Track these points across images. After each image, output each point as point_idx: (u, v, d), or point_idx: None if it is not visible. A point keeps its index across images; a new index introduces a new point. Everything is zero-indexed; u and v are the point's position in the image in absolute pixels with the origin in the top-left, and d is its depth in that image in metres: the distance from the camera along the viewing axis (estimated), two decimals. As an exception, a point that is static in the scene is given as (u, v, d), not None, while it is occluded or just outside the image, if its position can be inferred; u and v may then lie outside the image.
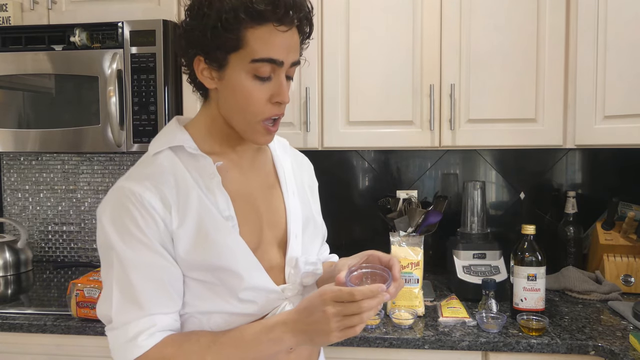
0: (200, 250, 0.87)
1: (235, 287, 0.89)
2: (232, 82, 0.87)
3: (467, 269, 1.69)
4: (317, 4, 1.71)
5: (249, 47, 0.84)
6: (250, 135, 0.92)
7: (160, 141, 0.93)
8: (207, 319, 0.90)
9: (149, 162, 0.91)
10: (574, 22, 1.62)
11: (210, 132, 0.94)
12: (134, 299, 0.84)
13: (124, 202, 0.85)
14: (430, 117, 1.68)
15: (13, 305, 1.65)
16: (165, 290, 0.86)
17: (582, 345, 1.35)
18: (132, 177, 0.89)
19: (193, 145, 0.92)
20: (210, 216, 0.88)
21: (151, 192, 0.85)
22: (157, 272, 0.86)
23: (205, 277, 0.89)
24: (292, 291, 0.96)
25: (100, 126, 1.72)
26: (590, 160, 2.00)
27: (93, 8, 1.81)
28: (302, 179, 1.09)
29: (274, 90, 0.88)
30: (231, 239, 0.89)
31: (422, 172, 2.07)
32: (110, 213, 0.86)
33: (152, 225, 0.85)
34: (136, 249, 0.84)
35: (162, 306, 0.86)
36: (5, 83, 1.78)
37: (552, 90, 1.65)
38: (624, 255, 1.75)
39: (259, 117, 0.89)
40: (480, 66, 1.67)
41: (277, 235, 0.98)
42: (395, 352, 1.41)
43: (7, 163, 2.26)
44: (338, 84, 1.73)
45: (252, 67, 0.85)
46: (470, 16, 1.66)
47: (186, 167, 0.90)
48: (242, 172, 0.97)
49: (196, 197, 0.88)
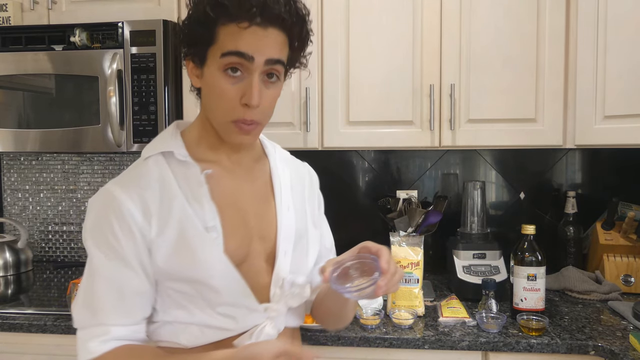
0: (177, 261, 0.87)
1: (212, 301, 0.88)
2: (208, 79, 0.87)
3: (467, 269, 1.69)
4: (317, 4, 1.71)
5: (219, 41, 0.85)
6: (225, 135, 0.90)
7: (153, 145, 0.93)
8: (182, 328, 0.90)
9: (138, 166, 0.92)
10: (574, 21, 1.62)
11: (203, 137, 0.94)
12: (91, 306, 0.86)
13: (106, 208, 0.86)
14: (430, 117, 1.68)
15: (13, 305, 1.65)
16: (125, 304, 0.87)
17: (582, 345, 1.35)
18: (119, 180, 0.90)
19: (184, 152, 0.91)
20: (192, 226, 0.87)
21: (132, 200, 0.85)
22: (122, 284, 0.86)
23: (183, 288, 0.88)
24: (276, 311, 0.93)
25: (100, 126, 1.72)
26: (590, 160, 2.00)
27: (93, 8, 1.81)
28: (302, 193, 1.05)
29: (246, 91, 0.85)
30: (211, 251, 0.87)
31: (422, 172, 2.07)
32: (94, 216, 0.88)
33: (126, 233, 0.85)
34: (108, 257, 0.86)
35: (118, 318, 0.87)
36: (5, 83, 1.78)
37: (552, 90, 1.65)
38: (624, 255, 1.75)
39: (229, 117, 0.87)
40: (480, 66, 1.67)
41: (266, 249, 0.96)
42: (395, 352, 1.41)
43: (7, 163, 2.26)
44: (338, 84, 1.73)
45: (222, 62, 0.84)
46: (470, 16, 1.66)
47: (174, 174, 0.90)
48: (236, 182, 0.95)
49: (179, 206, 0.87)
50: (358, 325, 1.47)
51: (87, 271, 0.88)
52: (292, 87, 1.73)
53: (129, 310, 0.87)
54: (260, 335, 0.90)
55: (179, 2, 1.78)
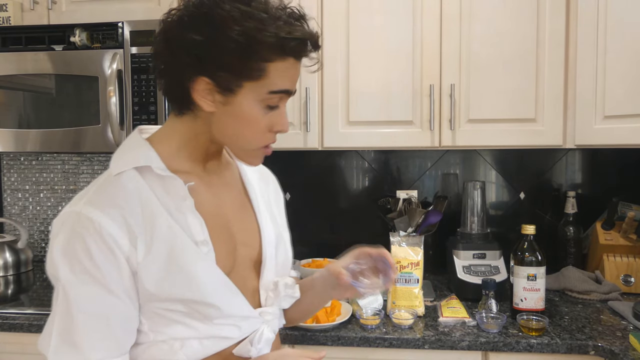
0: (171, 282, 0.80)
1: (211, 316, 0.84)
2: (239, 109, 0.82)
3: (467, 269, 1.70)
4: (317, 5, 1.71)
5: (268, 78, 0.80)
6: (247, 159, 0.89)
7: (123, 159, 0.85)
8: (180, 344, 0.84)
9: (110, 184, 0.82)
10: (574, 22, 1.62)
11: (185, 148, 0.88)
12: (73, 342, 0.78)
13: (79, 231, 0.77)
14: (430, 117, 1.68)
15: (13, 305, 1.65)
16: (112, 334, 0.80)
17: (582, 345, 1.35)
18: (92, 201, 0.80)
19: (161, 165, 0.84)
20: (182, 244, 0.81)
21: (114, 223, 0.78)
22: (106, 313, 0.78)
23: (176, 307, 0.82)
24: (272, 315, 0.93)
25: (100, 126, 1.72)
26: (590, 160, 2.00)
27: (93, 8, 1.81)
28: (268, 196, 1.04)
29: (277, 120, 0.85)
30: (205, 268, 0.83)
31: (422, 172, 2.07)
32: (64, 241, 0.78)
33: (110, 260, 0.77)
34: (86, 284, 0.77)
35: (105, 351, 0.79)
36: (5, 83, 1.78)
37: (552, 90, 1.65)
38: (624, 255, 1.75)
39: (260, 144, 0.86)
40: (480, 66, 1.67)
41: (251, 256, 0.94)
42: (395, 352, 1.41)
43: (7, 163, 2.26)
44: (338, 84, 1.73)
45: (267, 98, 0.82)
46: (471, 16, 1.66)
47: (153, 189, 0.83)
48: (213, 192, 0.91)
49: (165, 224, 0.81)
50: (358, 325, 1.47)
51: (61, 302, 0.78)
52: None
53: (117, 341, 0.80)
54: (260, 340, 0.89)
55: (179, 2, 1.78)
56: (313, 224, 2.09)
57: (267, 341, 0.91)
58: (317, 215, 2.10)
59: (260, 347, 0.89)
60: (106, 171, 0.86)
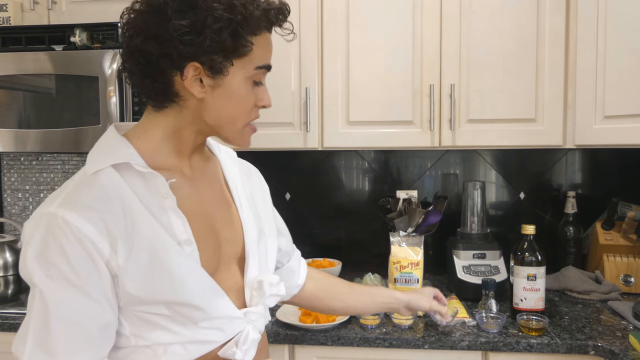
0: (153, 285, 0.78)
1: (195, 319, 0.82)
2: (229, 90, 0.83)
3: (467, 269, 1.70)
4: (317, 4, 1.71)
5: (253, 53, 0.82)
6: (239, 140, 0.89)
7: (100, 157, 0.81)
8: (163, 349, 0.81)
9: (87, 182, 0.78)
10: (574, 22, 1.62)
11: (168, 142, 0.85)
12: (48, 348, 0.74)
13: (55, 234, 0.73)
14: (430, 117, 1.68)
15: (13, 305, 1.65)
16: (89, 340, 0.77)
17: (582, 345, 1.35)
18: (68, 202, 0.76)
19: (141, 161, 0.81)
20: (164, 245, 0.79)
21: (93, 226, 0.74)
22: (83, 319, 0.76)
23: (160, 311, 0.80)
24: (257, 314, 0.91)
25: (100, 126, 1.72)
26: (590, 160, 2.00)
27: (93, 8, 1.81)
28: (251, 190, 1.01)
29: (261, 95, 0.88)
30: (189, 269, 0.81)
31: (422, 172, 2.07)
32: (38, 244, 0.74)
33: (88, 265, 0.74)
34: (63, 289, 0.74)
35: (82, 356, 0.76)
36: (5, 83, 1.78)
37: (552, 90, 1.65)
38: (624, 255, 1.75)
39: (246, 120, 0.88)
40: (480, 66, 1.67)
41: (235, 253, 0.92)
42: (395, 352, 1.41)
43: (7, 163, 2.26)
44: (338, 84, 1.73)
45: (254, 74, 0.84)
46: (471, 16, 1.66)
47: (132, 188, 0.79)
48: (196, 188, 0.89)
49: (146, 224, 0.78)
50: (358, 325, 1.47)
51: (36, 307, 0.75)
52: (292, 87, 1.73)
53: (95, 346, 0.77)
54: (246, 341, 0.87)
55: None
56: (313, 224, 2.09)
57: (252, 342, 0.89)
58: (317, 215, 2.10)
59: (246, 348, 0.87)
60: (81, 170, 0.82)
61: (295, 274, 1.15)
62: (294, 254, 1.16)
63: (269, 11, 0.82)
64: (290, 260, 1.15)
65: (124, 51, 0.83)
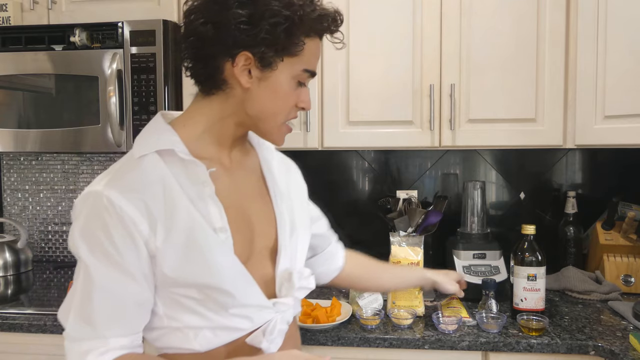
0: (188, 267, 0.82)
1: (225, 304, 0.85)
2: (274, 84, 0.86)
3: (467, 269, 1.69)
4: (317, 4, 1.71)
5: (304, 55, 0.86)
6: (276, 136, 0.93)
7: (146, 142, 0.86)
8: (194, 333, 0.86)
9: (132, 165, 0.84)
10: (574, 21, 1.62)
11: (210, 131, 0.89)
12: (89, 318, 0.81)
13: (100, 212, 0.79)
14: (430, 117, 1.68)
15: (13, 305, 1.65)
16: (125, 315, 0.83)
17: (582, 345, 1.35)
18: (113, 182, 0.81)
19: (184, 149, 0.85)
20: (201, 230, 0.83)
21: (134, 206, 0.79)
22: (122, 294, 0.81)
23: (192, 294, 0.84)
24: (286, 305, 0.93)
25: (100, 126, 1.72)
26: (590, 160, 2.00)
27: (93, 8, 1.81)
28: (287, 183, 1.04)
29: (302, 97, 0.91)
30: (222, 254, 0.85)
31: (422, 172, 2.07)
32: (84, 221, 0.80)
33: (128, 243, 0.79)
34: (105, 265, 0.80)
35: (118, 329, 0.82)
36: (5, 83, 1.78)
37: (552, 90, 1.64)
38: (624, 255, 1.75)
39: (285, 118, 0.91)
40: (480, 66, 1.66)
41: (267, 245, 0.95)
42: (395, 352, 1.41)
43: (7, 163, 2.26)
44: (338, 84, 1.73)
45: (299, 74, 0.87)
46: (471, 16, 1.66)
47: (174, 173, 0.84)
48: (234, 180, 0.92)
49: (184, 209, 0.82)
50: (358, 325, 1.47)
51: (81, 279, 0.81)
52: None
53: (130, 322, 0.84)
54: (273, 331, 0.90)
55: (179, 2, 1.78)
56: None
57: (279, 332, 0.92)
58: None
59: (273, 337, 0.90)
60: (128, 153, 0.87)
61: (335, 258, 1.24)
62: (333, 239, 1.24)
63: (325, 17, 0.85)
64: (331, 244, 1.23)
65: (183, 33, 0.86)
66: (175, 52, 1.72)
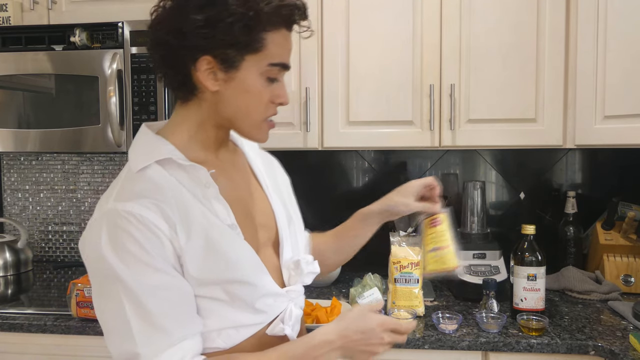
0: (210, 266, 0.83)
1: (249, 298, 0.86)
2: (242, 84, 0.85)
3: (467, 269, 1.69)
4: (317, 4, 1.71)
5: (267, 50, 0.84)
6: (256, 134, 0.92)
7: (142, 155, 0.86)
8: (217, 334, 0.87)
9: (136, 179, 0.84)
10: (574, 21, 1.62)
11: (195, 139, 0.90)
12: (157, 326, 0.79)
13: (122, 225, 0.78)
14: (430, 117, 1.68)
15: (13, 305, 1.65)
16: (184, 311, 0.82)
17: (582, 345, 1.35)
18: (122, 196, 0.81)
19: (181, 155, 0.86)
20: (216, 228, 0.85)
21: (152, 212, 0.80)
22: (172, 294, 0.81)
23: (215, 294, 0.85)
24: (296, 292, 0.96)
25: (100, 126, 1.72)
26: (590, 160, 2.00)
27: (93, 8, 1.81)
28: (275, 179, 1.07)
29: (278, 92, 0.89)
30: (240, 247, 0.87)
31: (422, 172, 2.07)
32: (109, 240, 0.78)
33: (157, 246, 0.79)
34: (145, 273, 0.79)
35: (186, 328, 0.82)
36: (5, 83, 1.78)
37: (552, 90, 1.64)
38: (624, 255, 1.75)
39: (263, 116, 0.90)
40: (480, 66, 1.66)
41: (269, 237, 0.98)
42: (395, 352, 1.41)
43: (7, 163, 2.26)
44: (338, 84, 1.73)
45: (267, 70, 0.85)
46: (470, 16, 1.66)
47: (178, 180, 0.85)
48: (229, 177, 0.94)
49: (198, 211, 0.84)
50: (358, 325, 1.47)
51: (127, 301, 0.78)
52: (292, 87, 1.73)
53: (190, 317, 0.83)
54: (290, 318, 0.92)
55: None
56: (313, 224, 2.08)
57: (296, 318, 0.94)
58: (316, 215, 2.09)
59: (292, 323, 0.92)
60: (123, 170, 0.88)
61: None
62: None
63: (283, 7, 0.83)
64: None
65: (150, 43, 0.87)
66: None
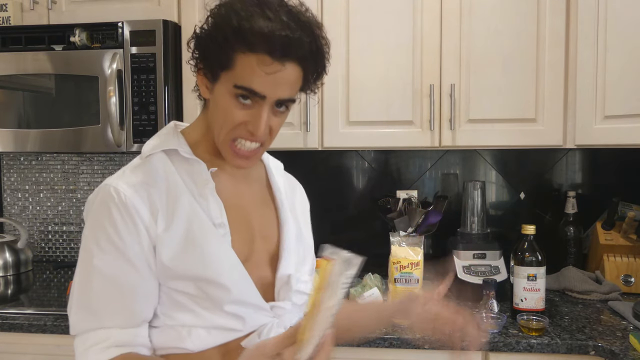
0: (185, 258, 0.84)
1: (220, 300, 0.85)
2: (217, 97, 0.86)
3: (467, 269, 1.69)
4: (317, 4, 1.71)
5: (235, 70, 0.82)
6: (224, 152, 0.89)
7: (154, 143, 0.92)
8: (187, 331, 0.85)
9: (140, 163, 0.90)
10: (574, 21, 1.62)
11: (205, 139, 0.93)
12: (90, 307, 0.83)
13: (107, 202, 0.83)
14: (430, 117, 1.68)
15: (13, 305, 1.65)
16: (127, 304, 0.83)
17: (582, 345, 1.35)
18: (122, 177, 0.87)
19: (187, 149, 0.90)
20: (200, 223, 0.86)
21: (138, 195, 0.84)
22: (124, 282, 0.83)
23: (188, 289, 0.85)
24: (282, 310, 0.92)
25: (100, 126, 1.72)
26: (590, 160, 2.00)
27: (93, 8, 1.81)
28: (293, 201, 1.07)
29: (252, 120, 0.85)
30: (220, 247, 0.87)
31: (422, 172, 2.07)
32: (94, 212, 0.85)
33: (132, 230, 0.82)
34: (107, 253, 0.82)
35: (120, 320, 0.83)
36: (5, 83, 1.78)
37: (552, 90, 1.64)
38: (624, 255, 1.75)
39: (230, 136, 0.86)
40: (480, 66, 1.66)
41: (269, 250, 0.96)
42: (395, 352, 1.41)
43: (7, 163, 2.26)
44: (338, 84, 1.73)
45: (233, 90, 0.83)
46: (470, 16, 1.66)
47: (179, 171, 0.89)
48: (235, 183, 0.95)
49: (187, 202, 0.86)
50: (358, 325, 1.47)
51: (82, 271, 0.84)
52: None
53: (131, 312, 0.83)
54: (269, 335, 0.88)
55: (179, 2, 1.78)
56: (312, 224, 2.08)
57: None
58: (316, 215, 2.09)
59: None
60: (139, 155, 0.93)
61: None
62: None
63: (248, 32, 0.79)
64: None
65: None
66: (175, 52, 1.73)
